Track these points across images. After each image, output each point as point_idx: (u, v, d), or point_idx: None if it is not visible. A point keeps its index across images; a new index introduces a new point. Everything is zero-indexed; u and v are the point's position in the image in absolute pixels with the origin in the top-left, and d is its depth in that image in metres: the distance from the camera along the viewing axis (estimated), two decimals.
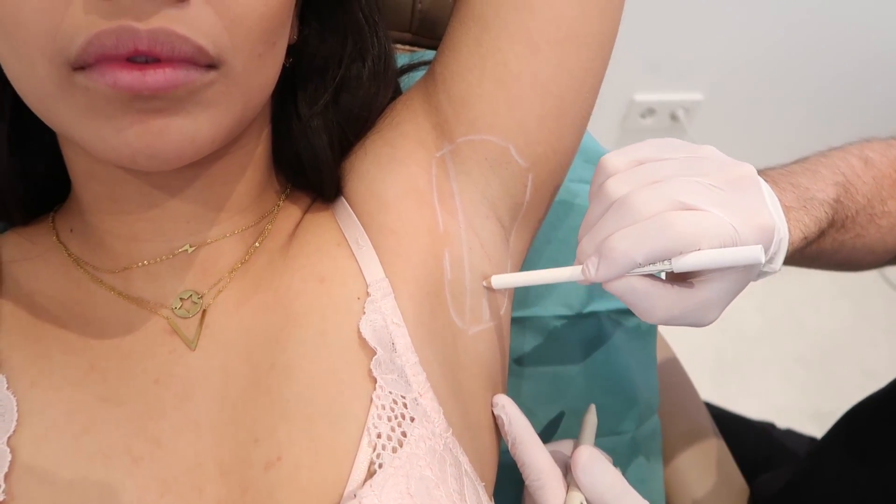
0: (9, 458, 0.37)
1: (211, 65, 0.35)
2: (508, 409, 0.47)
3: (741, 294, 0.42)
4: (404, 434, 0.39)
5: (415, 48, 0.59)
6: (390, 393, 0.40)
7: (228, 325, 0.43)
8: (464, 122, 0.46)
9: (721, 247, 0.37)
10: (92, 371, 0.40)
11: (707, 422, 0.72)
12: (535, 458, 0.45)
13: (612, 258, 0.39)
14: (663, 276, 0.42)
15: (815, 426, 0.92)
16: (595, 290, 0.59)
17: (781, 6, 1.41)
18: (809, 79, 1.57)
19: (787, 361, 1.63)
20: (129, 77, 0.33)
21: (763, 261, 0.37)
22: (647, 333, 0.64)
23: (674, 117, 1.60)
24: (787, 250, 0.47)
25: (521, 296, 0.58)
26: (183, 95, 0.34)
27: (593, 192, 0.43)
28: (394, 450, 0.38)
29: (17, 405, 0.38)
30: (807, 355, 1.63)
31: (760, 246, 0.37)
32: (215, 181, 0.43)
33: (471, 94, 0.46)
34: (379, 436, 0.38)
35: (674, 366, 0.76)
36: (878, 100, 1.62)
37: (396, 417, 0.39)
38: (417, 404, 0.40)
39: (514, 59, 0.45)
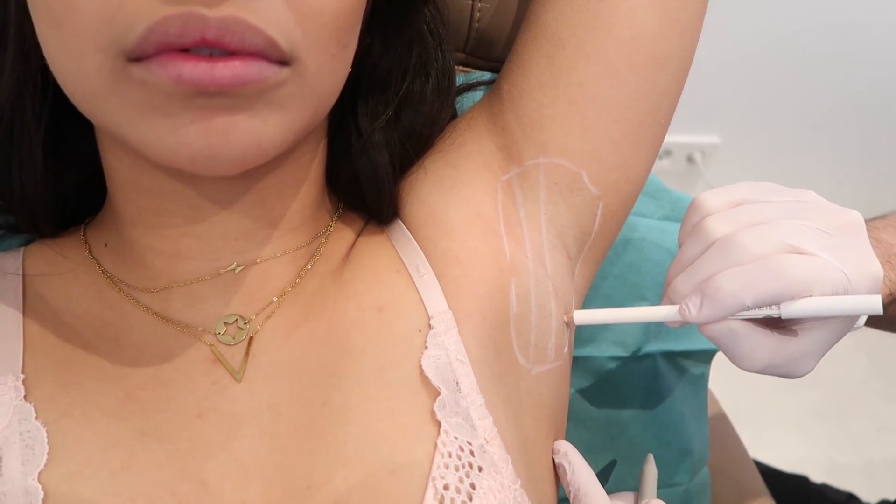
0: (40, 496, 0.33)
1: (283, 61, 0.32)
2: (571, 457, 0.43)
3: None
4: (473, 486, 0.35)
5: (468, 69, 0.56)
6: (456, 438, 0.36)
7: (277, 355, 0.39)
8: (534, 145, 0.43)
9: (833, 294, 0.36)
10: (129, 401, 0.36)
11: (756, 476, 0.67)
12: None
13: (717, 298, 0.37)
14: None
15: (831, 480, 0.89)
16: (652, 330, 0.56)
17: (800, 49, 1.41)
18: (830, 123, 1.55)
19: (802, 414, 1.59)
20: (196, 70, 0.29)
21: (882, 311, 0.36)
22: (700, 378, 0.60)
23: (690, 160, 1.59)
24: None
25: (575, 334, 0.54)
26: (252, 93, 0.31)
27: (687, 230, 0.41)
28: None
29: (48, 437, 0.34)
30: (821, 409, 1.60)
31: (879, 296, 0.36)
32: (268, 195, 0.40)
33: (542, 115, 0.43)
34: (446, 487, 0.34)
35: (718, 413, 0.72)
36: None
37: (464, 466, 0.36)
38: (485, 452, 0.36)
39: (591, 81, 0.42)
